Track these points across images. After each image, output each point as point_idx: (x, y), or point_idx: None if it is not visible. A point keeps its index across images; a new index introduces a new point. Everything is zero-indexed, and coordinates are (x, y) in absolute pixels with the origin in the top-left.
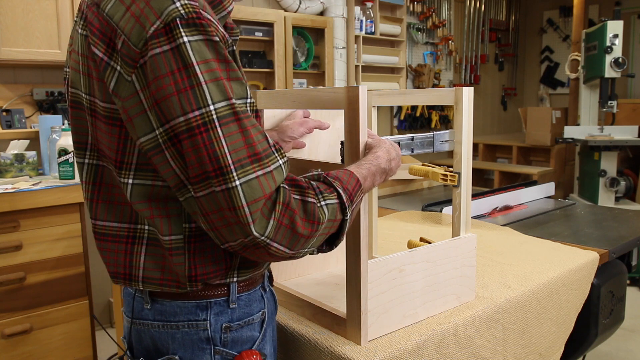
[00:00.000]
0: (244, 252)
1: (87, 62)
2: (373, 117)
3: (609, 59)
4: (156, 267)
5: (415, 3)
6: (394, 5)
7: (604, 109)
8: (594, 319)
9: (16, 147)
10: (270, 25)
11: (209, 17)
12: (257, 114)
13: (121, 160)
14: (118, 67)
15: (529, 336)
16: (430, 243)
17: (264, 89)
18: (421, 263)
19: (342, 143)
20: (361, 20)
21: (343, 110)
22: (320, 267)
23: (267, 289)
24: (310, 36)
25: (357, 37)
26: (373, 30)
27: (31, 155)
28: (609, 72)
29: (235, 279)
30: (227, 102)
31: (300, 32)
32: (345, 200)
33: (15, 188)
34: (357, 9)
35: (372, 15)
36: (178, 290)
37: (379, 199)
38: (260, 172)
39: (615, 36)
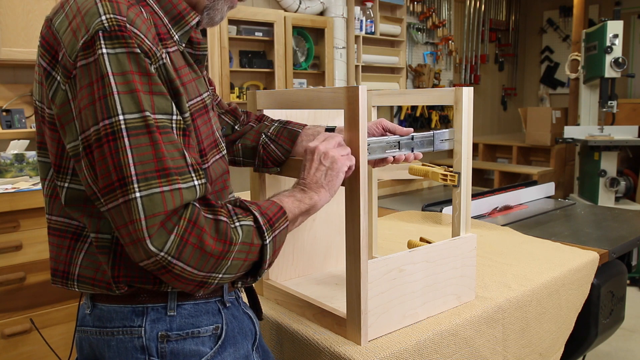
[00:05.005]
0: (157, 274)
1: (39, 72)
2: (373, 117)
3: (609, 59)
4: (91, 266)
5: (415, 3)
6: (394, 5)
7: (604, 109)
8: (594, 319)
9: (16, 147)
10: (270, 25)
11: (135, 30)
12: (187, 132)
13: (60, 164)
14: (58, 77)
15: (529, 336)
16: (430, 243)
17: (264, 89)
18: (421, 263)
19: None
20: (361, 20)
21: (343, 110)
22: (320, 267)
23: (232, 306)
24: (310, 36)
25: (357, 37)
26: (373, 30)
27: (31, 155)
28: (609, 72)
29: (169, 288)
30: (140, 114)
31: (300, 32)
32: (262, 224)
33: (15, 188)
34: (357, 9)
35: (372, 15)
36: (109, 292)
37: (379, 199)
38: (166, 188)
39: (615, 36)
